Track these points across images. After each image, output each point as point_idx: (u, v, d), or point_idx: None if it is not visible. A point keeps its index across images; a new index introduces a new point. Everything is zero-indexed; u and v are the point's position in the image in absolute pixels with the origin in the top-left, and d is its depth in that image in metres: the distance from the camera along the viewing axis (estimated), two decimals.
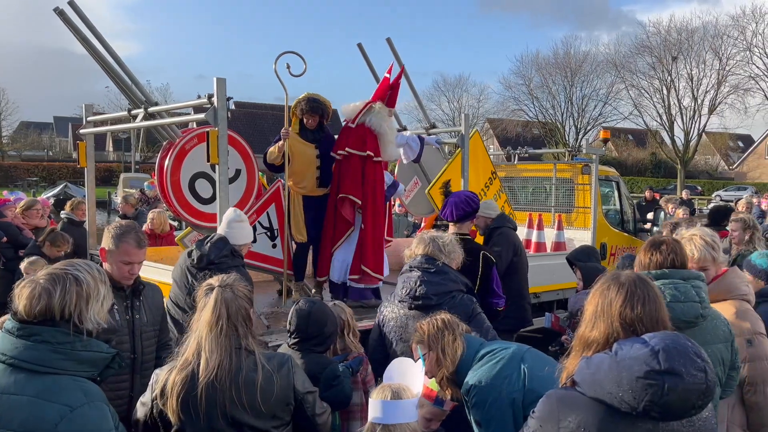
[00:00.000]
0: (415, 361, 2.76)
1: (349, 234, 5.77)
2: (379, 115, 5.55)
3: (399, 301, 3.40)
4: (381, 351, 3.46)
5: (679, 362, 1.70)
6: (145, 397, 2.57)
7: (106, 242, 3.26)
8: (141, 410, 2.59)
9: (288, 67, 5.28)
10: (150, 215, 7.42)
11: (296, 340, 3.20)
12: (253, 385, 2.40)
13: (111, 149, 59.20)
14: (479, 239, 5.85)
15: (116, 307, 2.92)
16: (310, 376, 3.08)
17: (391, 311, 3.45)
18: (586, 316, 2.01)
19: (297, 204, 5.61)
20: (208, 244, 3.95)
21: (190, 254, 3.99)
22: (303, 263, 5.87)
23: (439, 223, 5.15)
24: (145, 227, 7.38)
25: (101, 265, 2.89)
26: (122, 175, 33.52)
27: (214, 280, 2.57)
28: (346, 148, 5.49)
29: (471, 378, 2.56)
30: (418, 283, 3.34)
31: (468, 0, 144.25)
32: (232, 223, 4.15)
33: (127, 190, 26.96)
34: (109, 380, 2.73)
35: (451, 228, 4.68)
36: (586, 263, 4.68)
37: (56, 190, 32.79)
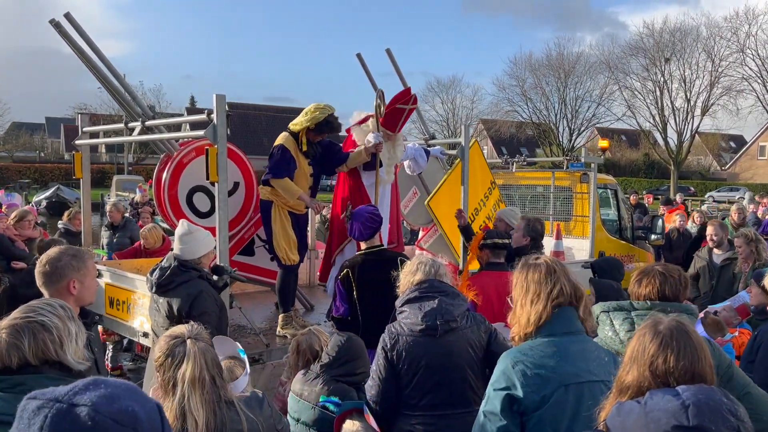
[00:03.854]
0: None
1: (343, 247, 5.84)
2: (363, 129, 5.72)
3: (420, 330, 3.21)
4: (393, 386, 3.29)
5: (710, 419, 1.63)
6: None
7: (73, 270, 2.93)
8: None
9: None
10: (143, 233, 7.31)
11: (326, 362, 3.19)
12: None
13: (103, 151, 58.80)
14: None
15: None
16: None
17: (407, 341, 3.22)
18: (625, 359, 1.95)
19: (286, 222, 5.18)
20: (158, 267, 3.95)
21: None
22: (293, 289, 5.51)
23: (489, 242, 4.98)
24: (138, 242, 7.30)
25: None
26: (115, 178, 33.27)
27: (182, 332, 2.33)
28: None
29: (516, 349, 2.37)
30: (443, 307, 3.23)
31: (449, 3, 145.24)
32: (182, 238, 4.02)
33: (120, 193, 26.80)
34: None
35: (363, 245, 4.60)
36: (600, 279, 4.64)
37: (48, 192, 32.50)
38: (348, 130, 6.01)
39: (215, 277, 4.16)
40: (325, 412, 3.13)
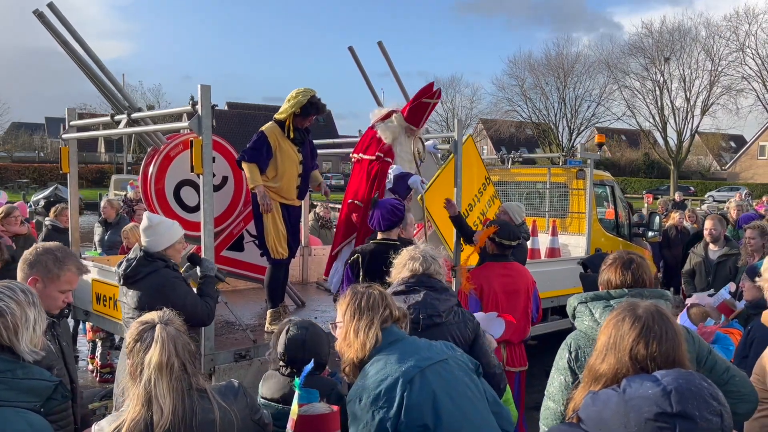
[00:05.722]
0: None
1: (349, 240, 5.77)
2: (389, 125, 5.69)
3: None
4: None
5: (693, 405, 1.56)
6: None
7: (43, 269, 2.83)
8: None
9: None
10: (124, 233, 7.22)
11: (292, 370, 3.03)
12: (211, 425, 2.19)
13: (103, 150, 58.76)
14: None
15: (47, 337, 2.66)
16: None
17: None
18: (598, 346, 1.88)
19: (276, 214, 5.09)
20: (123, 260, 3.92)
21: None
22: (283, 284, 5.43)
23: (499, 240, 5.06)
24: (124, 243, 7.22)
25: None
26: (113, 177, 33.23)
27: (151, 317, 2.28)
28: (353, 154, 5.77)
29: (353, 387, 2.39)
30: (427, 301, 3.21)
31: (443, 4, 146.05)
32: (145, 231, 3.98)
33: (117, 192, 26.70)
34: (53, 413, 2.56)
35: (380, 235, 4.64)
36: (588, 275, 4.59)
37: (47, 192, 32.44)
38: (370, 128, 5.87)
39: (184, 272, 4.14)
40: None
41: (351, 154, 5.90)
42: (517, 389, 5.00)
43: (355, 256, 4.40)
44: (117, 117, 5.23)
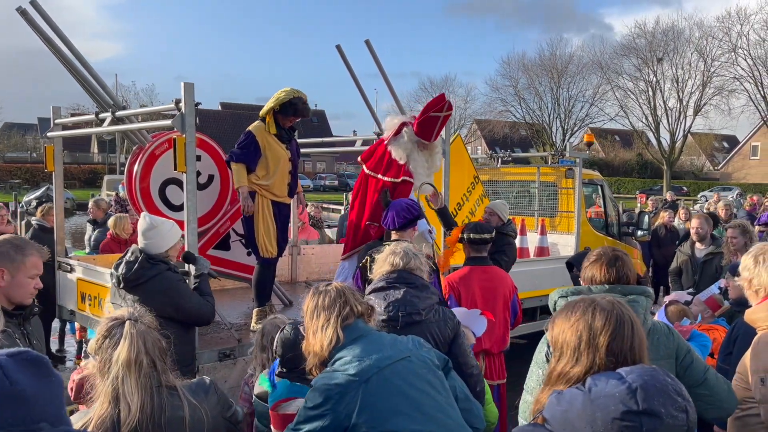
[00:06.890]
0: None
1: (351, 254, 5.61)
2: (400, 143, 5.41)
3: (382, 320, 3.11)
4: None
5: (659, 402, 1.55)
6: None
7: (6, 260, 2.77)
8: None
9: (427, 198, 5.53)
10: (111, 222, 7.17)
11: (283, 370, 3.03)
12: (180, 423, 2.18)
13: (96, 151, 58.53)
14: None
15: (16, 336, 2.64)
16: None
17: None
18: (564, 349, 1.82)
19: (267, 212, 5.06)
20: (122, 262, 3.82)
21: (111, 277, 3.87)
22: (270, 284, 5.40)
23: (473, 236, 4.93)
24: (108, 234, 7.18)
25: None
26: (106, 177, 33.13)
27: (121, 313, 2.26)
28: (365, 167, 5.51)
29: (311, 387, 2.37)
30: (407, 299, 3.17)
31: (435, 4, 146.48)
32: (146, 233, 3.90)
33: (109, 192, 26.61)
34: None
35: (394, 235, 4.50)
36: (578, 275, 4.57)
37: (39, 192, 32.32)
38: (383, 140, 5.61)
39: (187, 267, 4.09)
40: None
41: (362, 163, 5.58)
42: (497, 403, 4.91)
43: (366, 258, 4.23)
44: (102, 115, 5.21)
